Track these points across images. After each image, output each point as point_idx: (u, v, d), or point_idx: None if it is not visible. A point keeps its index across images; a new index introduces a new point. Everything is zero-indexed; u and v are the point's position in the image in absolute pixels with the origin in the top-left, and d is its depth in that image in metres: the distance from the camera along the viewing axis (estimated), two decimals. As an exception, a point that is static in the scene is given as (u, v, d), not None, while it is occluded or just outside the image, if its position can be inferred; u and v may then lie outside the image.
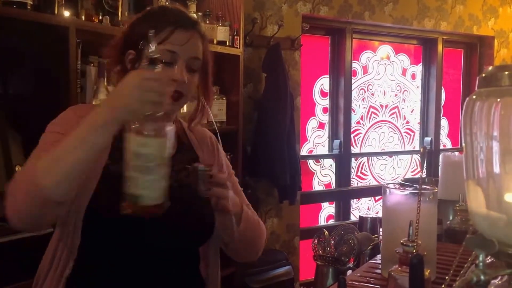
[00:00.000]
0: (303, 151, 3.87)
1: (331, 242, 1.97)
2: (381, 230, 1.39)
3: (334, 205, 4.12)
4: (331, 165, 4.10)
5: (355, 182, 4.24)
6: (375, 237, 1.87)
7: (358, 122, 4.21)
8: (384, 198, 1.29)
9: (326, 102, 4.01)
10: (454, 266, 1.03)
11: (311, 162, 3.98)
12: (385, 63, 4.33)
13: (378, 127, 4.35)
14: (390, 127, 4.43)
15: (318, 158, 4.02)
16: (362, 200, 4.28)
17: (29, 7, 1.88)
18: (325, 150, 4.05)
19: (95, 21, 2.17)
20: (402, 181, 2.12)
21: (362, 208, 4.29)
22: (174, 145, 0.99)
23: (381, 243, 1.40)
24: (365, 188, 4.29)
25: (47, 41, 2.04)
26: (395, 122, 4.45)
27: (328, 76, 4.00)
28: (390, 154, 4.45)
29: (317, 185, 4.03)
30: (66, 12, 2.03)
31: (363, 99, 4.23)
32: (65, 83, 2.01)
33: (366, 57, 4.21)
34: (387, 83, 4.36)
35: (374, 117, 4.31)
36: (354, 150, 4.18)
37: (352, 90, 4.06)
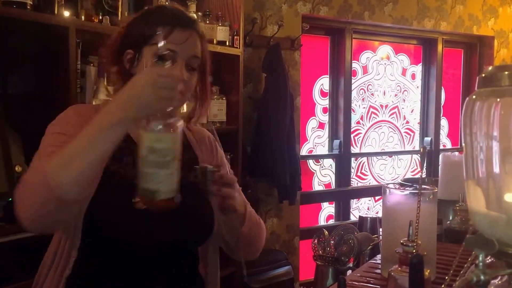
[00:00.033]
0: (303, 151, 3.86)
1: (331, 242, 1.97)
2: (381, 230, 1.39)
3: (334, 205, 4.12)
4: (331, 165, 4.10)
5: (355, 182, 4.24)
6: (375, 237, 1.87)
7: (358, 122, 4.21)
8: (384, 198, 1.29)
9: (326, 102, 4.01)
10: (454, 266, 1.03)
11: (311, 162, 3.98)
12: (385, 63, 4.33)
13: (378, 127, 4.35)
14: (390, 127, 4.43)
15: (318, 158, 4.02)
16: (362, 200, 4.28)
17: (29, 7, 1.88)
18: (325, 150, 4.05)
19: (95, 21, 2.17)
20: (402, 181, 2.12)
21: (362, 208, 4.28)
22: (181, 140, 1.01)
23: (381, 243, 1.40)
24: (365, 188, 4.29)
25: (47, 41, 2.04)
26: (395, 122, 4.45)
27: (328, 76, 4.00)
28: (390, 154, 4.45)
29: (317, 185, 4.03)
30: (66, 12, 2.03)
31: (363, 99, 4.23)
32: (65, 83, 2.01)
33: (366, 57, 4.21)
34: (387, 83, 4.36)
35: (374, 117, 4.31)
36: (354, 150, 4.18)
37: (352, 90, 4.06)
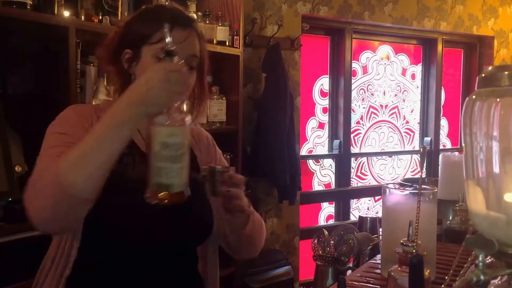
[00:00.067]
0: (303, 151, 3.87)
1: (331, 242, 1.97)
2: (380, 230, 1.39)
3: (334, 205, 4.12)
4: (331, 165, 4.10)
5: (355, 182, 4.24)
6: (375, 237, 1.87)
7: (358, 122, 4.21)
8: (384, 198, 1.29)
9: (326, 102, 4.01)
10: (454, 266, 1.03)
11: (311, 162, 3.98)
12: (385, 63, 4.33)
13: (378, 127, 4.35)
14: (390, 127, 4.43)
15: (318, 158, 4.02)
16: (362, 200, 4.28)
17: (29, 7, 1.88)
18: (325, 150, 4.05)
19: (95, 21, 2.17)
20: (402, 181, 2.12)
21: (362, 208, 4.29)
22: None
23: (380, 243, 1.40)
24: (365, 188, 4.29)
25: (47, 41, 2.04)
26: (395, 122, 4.45)
27: (328, 76, 4.00)
28: (390, 154, 4.45)
29: (317, 185, 4.03)
30: (66, 12, 2.03)
31: (363, 99, 4.23)
32: (64, 83, 2.01)
33: (366, 57, 4.21)
34: (387, 83, 4.36)
35: (374, 117, 4.31)
36: (354, 150, 4.18)
37: (352, 90, 4.06)
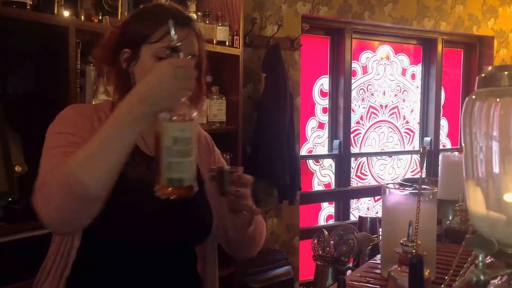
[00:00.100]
0: (303, 151, 3.86)
1: (331, 242, 1.97)
2: (380, 230, 1.39)
3: (333, 205, 4.12)
4: (331, 165, 4.10)
5: (355, 182, 4.24)
6: (375, 237, 1.87)
7: (358, 122, 4.21)
8: (383, 198, 1.29)
9: (325, 102, 4.01)
10: (454, 266, 1.03)
11: (311, 162, 3.98)
12: (384, 63, 4.33)
13: (377, 127, 4.35)
14: (389, 127, 4.43)
15: (317, 158, 4.02)
16: (362, 200, 4.28)
17: (28, 7, 1.88)
18: (324, 150, 4.05)
19: (95, 21, 2.17)
20: (402, 181, 2.12)
21: (362, 208, 4.28)
22: None
23: (380, 243, 1.40)
24: (364, 188, 4.29)
25: (47, 41, 2.04)
26: (395, 122, 4.45)
27: (327, 76, 4.00)
28: (390, 154, 4.45)
29: (316, 185, 4.03)
30: (66, 12, 2.03)
31: (363, 99, 4.23)
32: (64, 83, 2.01)
33: (365, 57, 4.21)
34: (387, 83, 4.36)
35: (373, 117, 4.31)
36: (354, 150, 4.18)
37: (351, 90, 4.05)
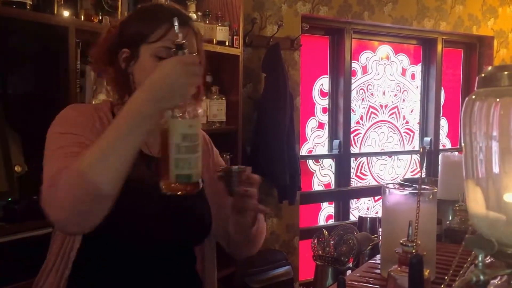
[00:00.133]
0: (303, 151, 3.86)
1: (331, 242, 1.97)
2: (380, 230, 1.39)
3: (333, 205, 4.12)
4: (331, 165, 4.10)
5: (355, 182, 4.24)
6: (375, 237, 1.87)
7: (358, 122, 4.21)
8: (383, 198, 1.29)
9: (325, 102, 4.01)
10: (454, 266, 1.03)
11: (311, 162, 3.98)
12: (384, 63, 4.33)
13: (377, 127, 4.35)
14: (389, 127, 4.43)
15: (317, 158, 4.02)
16: (362, 200, 4.28)
17: (28, 7, 1.88)
18: (324, 150, 4.05)
19: (95, 21, 2.17)
20: (402, 181, 2.12)
21: (362, 208, 4.29)
22: None
23: (380, 243, 1.40)
24: (364, 188, 4.29)
25: (47, 41, 2.04)
26: (395, 122, 4.45)
27: (327, 76, 4.00)
28: (390, 154, 4.45)
29: (316, 185, 4.03)
30: (66, 12, 2.03)
31: (363, 99, 4.23)
32: (64, 83, 2.01)
33: (365, 57, 4.21)
34: (387, 83, 4.36)
35: (373, 117, 4.31)
36: (354, 150, 4.18)
37: (351, 90, 4.05)
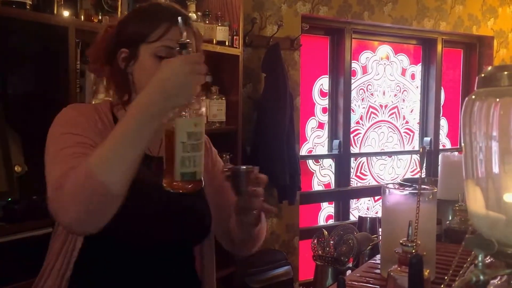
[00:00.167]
0: (303, 151, 3.86)
1: (331, 242, 1.97)
2: (380, 230, 1.39)
3: (333, 205, 4.12)
4: (331, 165, 4.10)
5: (355, 182, 4.24)
6: (375, 237, 1.87)
7: (358, 122, 4.21)
8: (383, 198, 1.29)
9: (325, 102, 4.01)
10: (454, 266, 1.03)
11: (311, 162, 3.98)
12: (384, 63, 4.33)
13: (377, 127, 4.35)
14: (389, 127, 4.43)
15: (317, 158, 4.02)
16: (362, 200, 4.28)
17: (28, 7, 1.88)
18: (324, 150, 4.05)
19: (95, 21, 2.17)
20: (402, 181, 2.12)
21: (362, 208, 4.29)
22: None
23: (380, 243, 1.40)
24: (364, 188, 4.29)
25: (47, 41, 2.04)
26: (395, 122, 4.45)
27: (327, 76, 4.00)
28: (390, 154, 4.45)
29: (316, 185, 4.03)
30: (66, 12, 2.03)
31: (363, 99, 4.23)
32: (64, 83, 2.01)
33: (365, 57, 4.21)
34: (387, 83, 4.36)
35: (373, 117, 4.31)
36: (354, 150, 4.18)
37: (351, 90, 4.06)
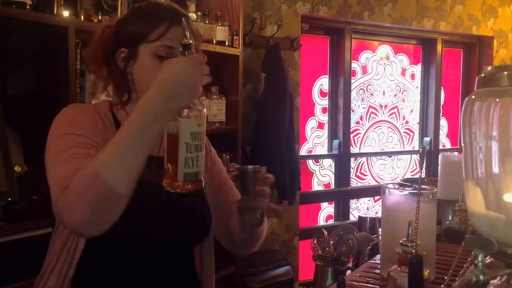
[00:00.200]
0: (303, 151, 3.86)
1: (331, 242, 1.97)
2: (380, 230, 1.39)
3: (333, 205, 4.12)
4: (331, 165, 4.10)
5: (355, 182, 4.24)
6: (374, 237, 1.87)
7: (358, 122, 4.21)
8: (383, 198, 1.29)
9: (325, 102, 4.01)
10: (454, 266, 1.03)
11: (311, 162, 3.98)
12: (384, 63, 4.33)
13: (377, 127, 4.35)
14: (389, 127, 4.43)
15: (317, 158, 4.02)
16: (362, 200, 4.28)
17: (28, 7, 1.88)
18: (324, 150, 4.05)
19: (94, 21, 2.17)
20: (402, 181, 2.12)
21: (362, 208, 4.29)
22: None
23: (380, 243, 1.40)
24: (364, 188, 4.29)
25: (47, 41, 2.04)
26: (395, 122, 4.45)
27: (327, 76, 4.00)
28: (390, 154, 4.45)
29: (316, 185, 4.03)
30: (65, 12, 2.03)
31: (363, 99, 4.23)
32: (64, 83, 2.01)
33: (365, 57, 4.21)
34: (387, 83, 4.36)
35: (373, 117, 4.31)
36: (354, 150, 4.18)
37: (351, 90, 4.06)
